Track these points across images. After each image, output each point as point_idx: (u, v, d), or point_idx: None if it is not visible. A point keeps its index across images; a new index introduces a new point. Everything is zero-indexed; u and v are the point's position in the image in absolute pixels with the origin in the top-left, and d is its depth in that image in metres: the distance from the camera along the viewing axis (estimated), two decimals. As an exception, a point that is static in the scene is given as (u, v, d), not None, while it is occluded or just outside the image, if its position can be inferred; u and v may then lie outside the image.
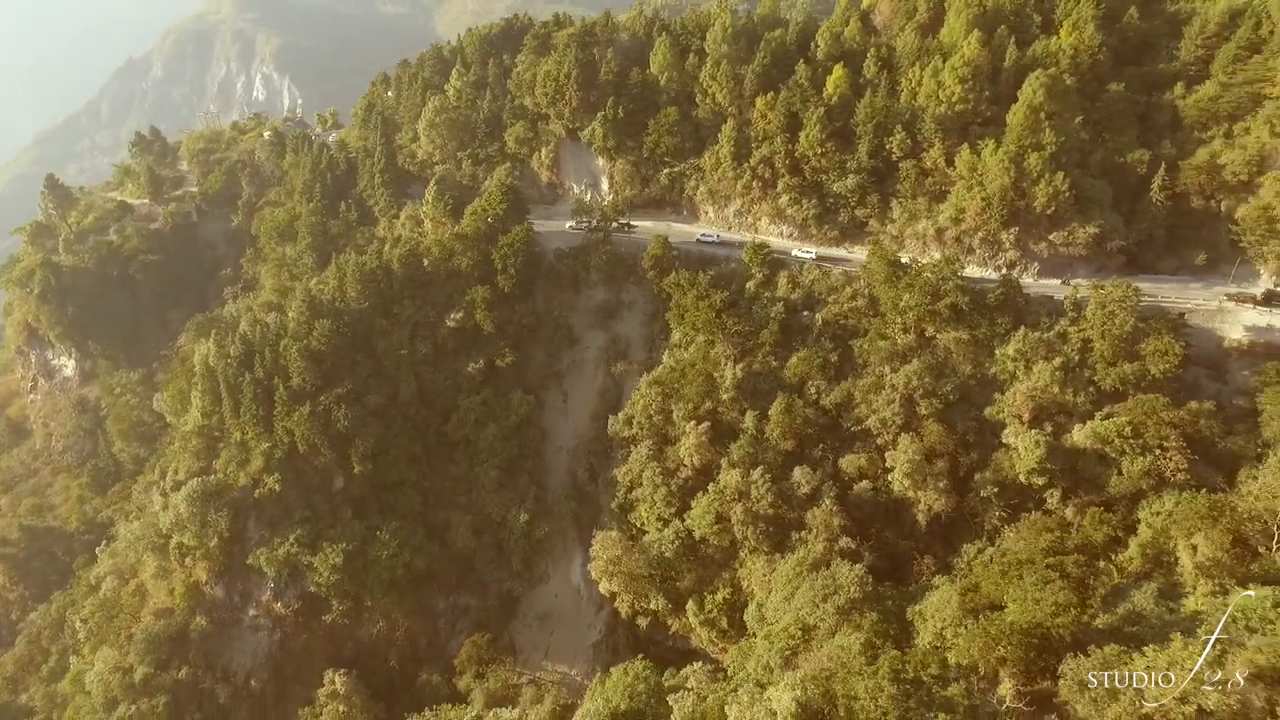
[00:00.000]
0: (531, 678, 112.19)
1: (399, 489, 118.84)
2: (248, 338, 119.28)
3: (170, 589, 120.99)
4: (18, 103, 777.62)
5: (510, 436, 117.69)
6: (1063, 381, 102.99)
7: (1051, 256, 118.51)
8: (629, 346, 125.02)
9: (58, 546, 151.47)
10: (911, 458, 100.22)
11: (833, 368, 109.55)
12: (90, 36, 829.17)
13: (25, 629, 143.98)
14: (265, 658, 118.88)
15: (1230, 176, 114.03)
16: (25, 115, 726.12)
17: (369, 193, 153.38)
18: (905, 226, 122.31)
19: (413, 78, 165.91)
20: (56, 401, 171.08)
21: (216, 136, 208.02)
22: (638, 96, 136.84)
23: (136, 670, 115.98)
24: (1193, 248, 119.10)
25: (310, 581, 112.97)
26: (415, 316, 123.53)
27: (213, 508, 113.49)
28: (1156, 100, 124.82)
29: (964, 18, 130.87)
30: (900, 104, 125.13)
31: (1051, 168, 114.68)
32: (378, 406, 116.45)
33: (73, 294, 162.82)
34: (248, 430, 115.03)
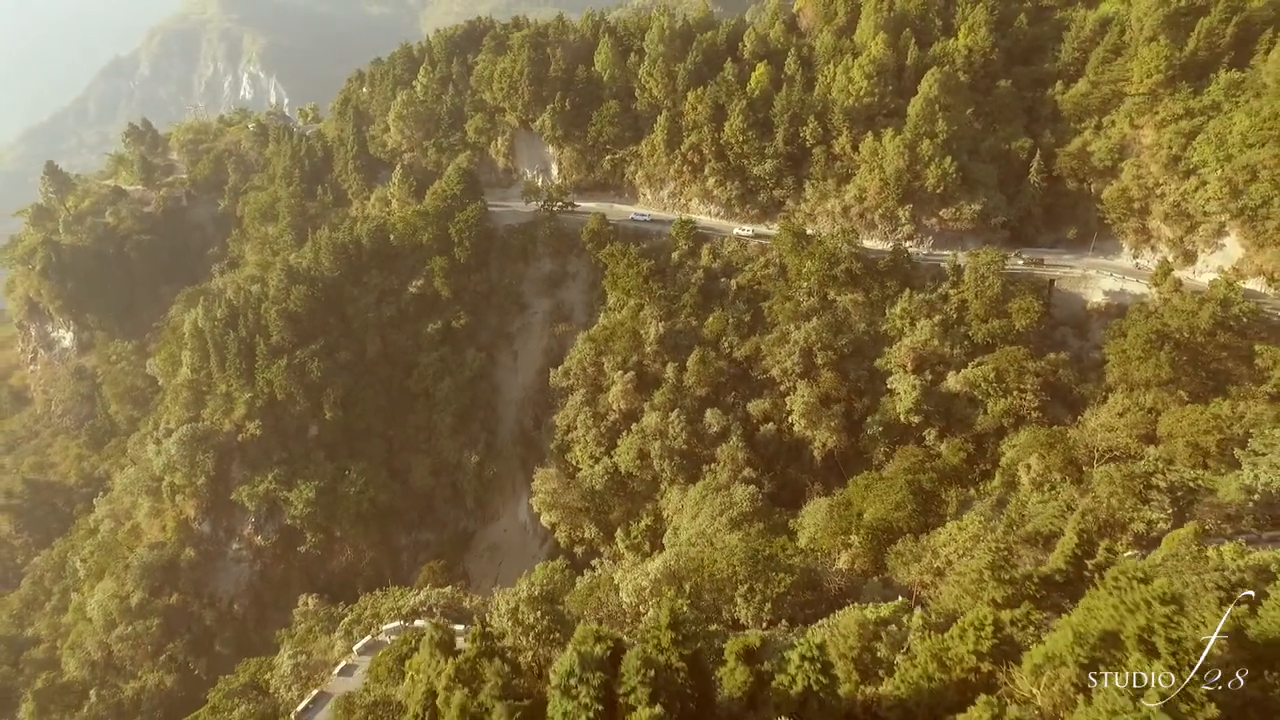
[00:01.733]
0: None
1: (366, 436, 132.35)
2: (233, 303, 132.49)
3: (162, 526, 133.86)
4: (2, 101, 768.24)
5: (464, 389, 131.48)
6: (941, 336, 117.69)
7: (943, 231, 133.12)
8: (572, 311, 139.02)
9: (58, 499, 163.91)
10: (807, 400, 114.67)
11: (745, 326, 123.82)
12: (70, 36, 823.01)
13: (29, 571, 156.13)
14: (247, 586, 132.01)
15: (1098, 162, 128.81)
16: (5, 114, 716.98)
17: (343, 177, 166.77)
18: (817, 205, 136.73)
19: (385, 74, 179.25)
20: (55, 371, 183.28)
21: (204, 128, 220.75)
22: (584, 91, 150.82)
23: (133, 596, 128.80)
24: (1067, 224, 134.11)
25: (287, 515, 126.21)
26: (382, 284, 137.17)
27: (200, 450, 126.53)
28: (1041, 96, 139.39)
29: (873, 21, 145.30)
30: (814, 97, 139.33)
31: (942, 153, 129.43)
32: (347, 362, 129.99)
33: (72, 271, 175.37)
34: (232, 382, 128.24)
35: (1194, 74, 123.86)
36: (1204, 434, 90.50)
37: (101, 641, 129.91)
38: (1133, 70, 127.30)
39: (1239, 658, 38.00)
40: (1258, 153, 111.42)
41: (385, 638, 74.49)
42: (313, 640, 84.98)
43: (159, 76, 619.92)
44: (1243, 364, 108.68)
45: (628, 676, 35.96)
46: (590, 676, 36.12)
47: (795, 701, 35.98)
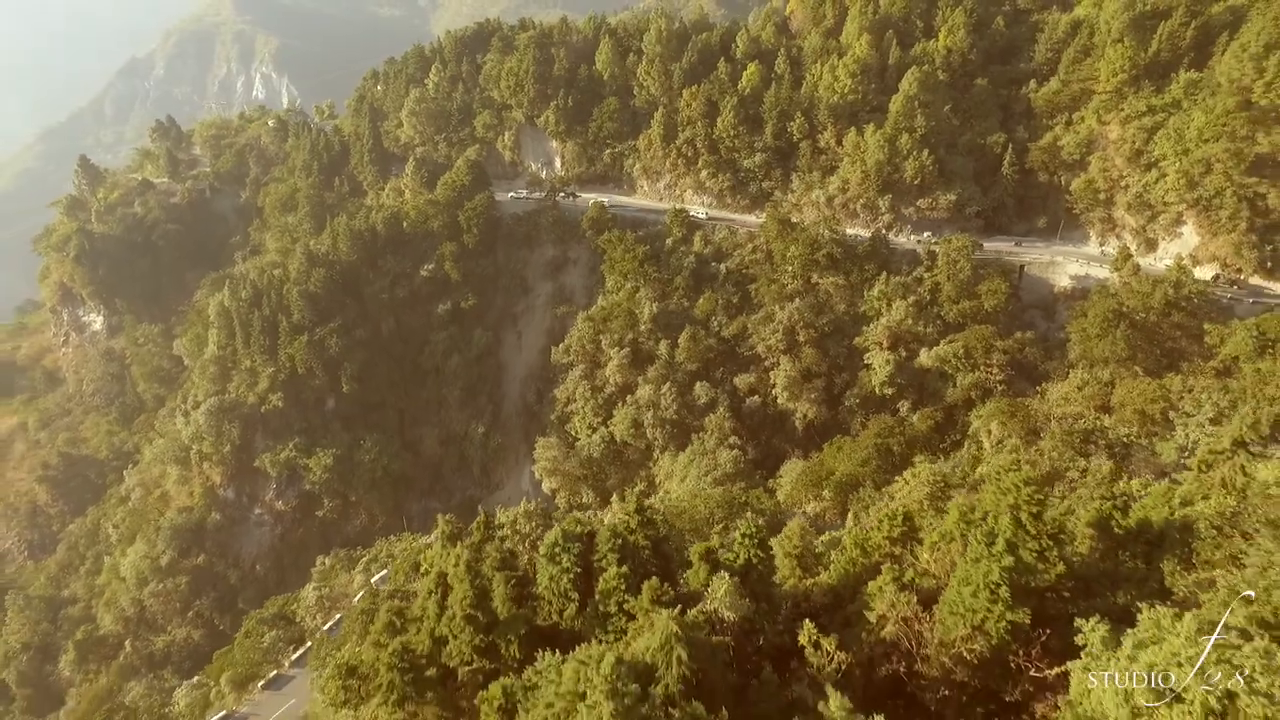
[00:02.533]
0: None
1: (380, 408, 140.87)
2: (256, 285, 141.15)
3: (190, 492, 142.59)
4: (13, 102, 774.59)
5: (472, 365, 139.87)
6: (915, 316, 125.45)
7: (920, 219, 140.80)
8: (573, 294, 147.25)
9: (90, 471, 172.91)
10: (790, 375, 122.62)
11: (733, 307, 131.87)
12: (87, 38, 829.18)
13: (65, 537, 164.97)
14: (268, 548, 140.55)
15: (1067, 156, 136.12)
16: (21, 114, 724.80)
17: (359, 169, 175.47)
18: (803, 195, 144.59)
19: (398, 73, 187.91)
20: (86, 352, 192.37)
21: (226, 125, 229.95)
22: (585, 89, 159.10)
23: (163, 556, 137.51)
24: (1038, 213, 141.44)
25: (306, 481, 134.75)
26: (395, 268, 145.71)
27: (227, 420, 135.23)
28: (1016, 93, 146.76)
29: (859, 23, 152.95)
30: (801, 94, 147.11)
31: (920, 147, 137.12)
32: (363, 339, 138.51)
33: (103, 257, 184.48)
34: (256, 358, 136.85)
35: (1157, 74, 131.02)
36: (1151, 403, 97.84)
37: (134, 598, 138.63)
38: (1100, 70, 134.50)
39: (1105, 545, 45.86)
40: (1212, 147, 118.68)
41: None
42: (334, 577, 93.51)
43: (173, 77, 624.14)
44: (1194, 342, 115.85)
45: (600, 547, 44.21)
46: (571, 546, 44.39)
47: (739, 571, 43.96)
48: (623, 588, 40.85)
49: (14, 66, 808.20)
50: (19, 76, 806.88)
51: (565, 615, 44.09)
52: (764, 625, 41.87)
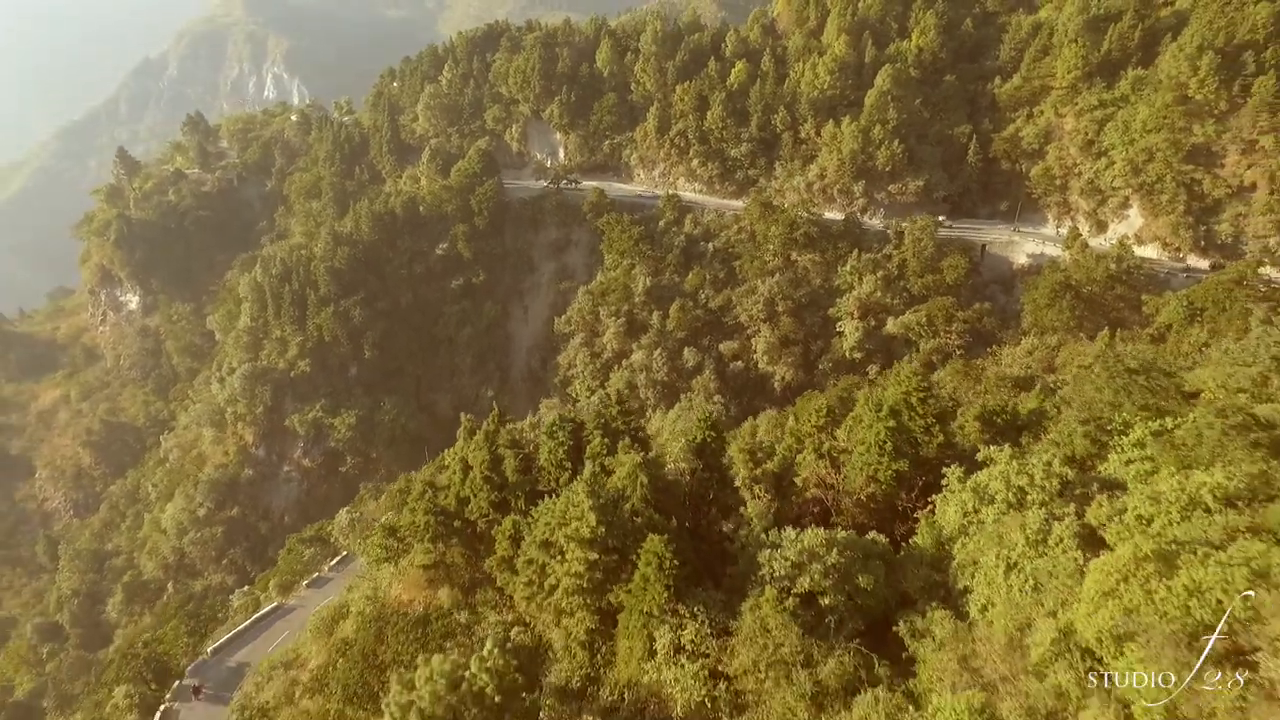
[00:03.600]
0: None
1: (398, 375, 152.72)
2: (286, 262, 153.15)
3: (225, 451, 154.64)
4: (29, 102, 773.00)
5: (482, 335, 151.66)
6: (884, 289, 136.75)
7: (892, 203, 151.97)
8: (574, 271, 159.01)
9: (129, 437, 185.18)
10: (770, 341, 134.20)
11: (719, 281, 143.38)
12: (101, 39, 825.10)
13: (107, 497, 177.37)
14: (295, 502, 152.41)
15: (1027, 145, 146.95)
16: (36, 113, 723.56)
17: (378, 159, 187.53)
18: (785, 182, 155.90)
19: (413, 70, 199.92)
20: (123, 330, 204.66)
21: (251, 119, 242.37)
22: (587, 85, 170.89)
23: (200, 508, 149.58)
24: (1001, 198, 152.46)
25: (331, 439, 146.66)
26: (412, 247, 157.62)
27: (259, 384, 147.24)
28: (982, 89, 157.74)
29: (838, 24, 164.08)
30: (784, 90, 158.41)
31: (891, 137, 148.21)
32: (383, 311, 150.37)
33: (140, 241, 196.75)
34: (286, 328, 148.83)
35: (1108, 71, 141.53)
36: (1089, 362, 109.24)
37: (175, 547, 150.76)
38: (1058, 67, 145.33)
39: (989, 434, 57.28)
40: (1154, 137, 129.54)
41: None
42: (363, 504, 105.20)
43: (186, 77, 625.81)
44: (1134, 312, 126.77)
45: (588, 425, 55.92)
46: (565, 425, 56.11)
47: (695, 445, 55.54)
48: (604, 452, 52.46)
49: (31, 66, 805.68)
50: (35, 76, 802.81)
51: (560, 482, 55.70)
52: (714, 486, 53.47)
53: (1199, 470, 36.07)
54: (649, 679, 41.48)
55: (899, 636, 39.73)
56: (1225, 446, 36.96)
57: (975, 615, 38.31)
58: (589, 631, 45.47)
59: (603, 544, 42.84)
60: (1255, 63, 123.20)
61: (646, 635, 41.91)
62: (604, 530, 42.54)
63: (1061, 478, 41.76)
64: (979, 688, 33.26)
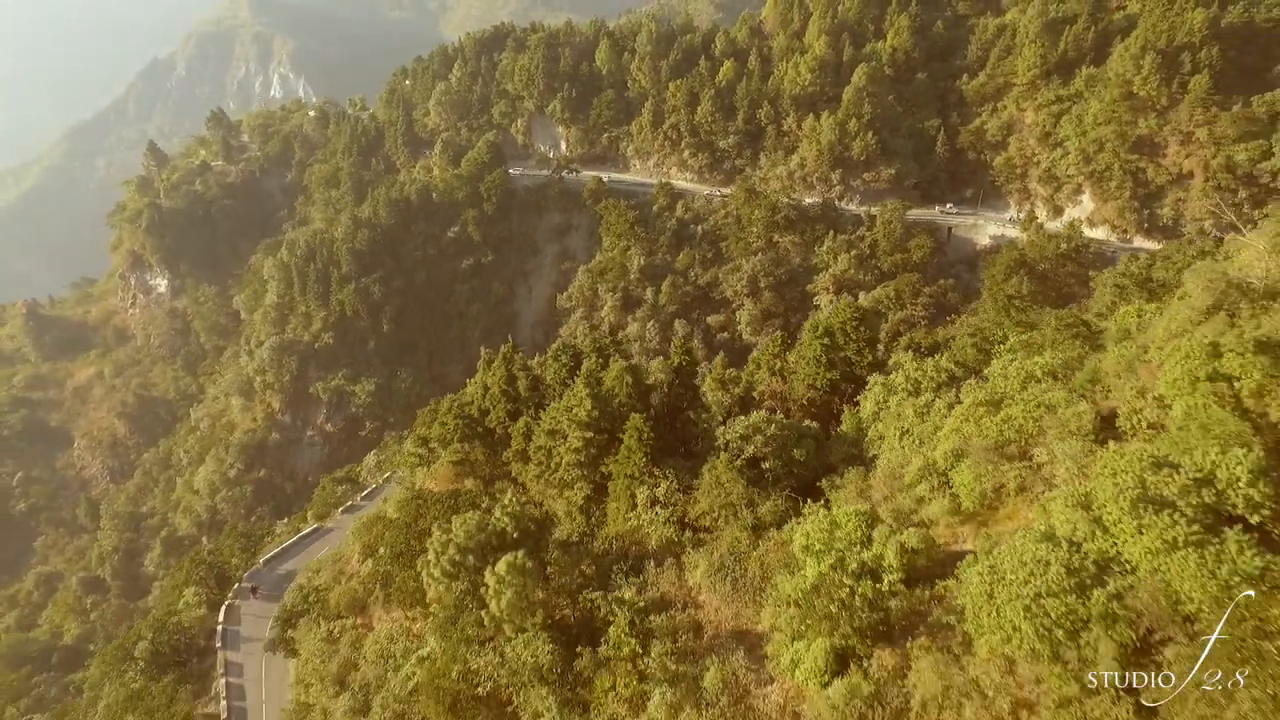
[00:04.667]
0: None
1: (413, 348, 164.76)
2: (310, 244, 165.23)
3: (253, 417, 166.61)
4: (39, 102, 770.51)
5: (490, 311, 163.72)
6: (857, 266, 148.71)
7: (866, 190, 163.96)
8: (575, 253, 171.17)
9: (160, 410, 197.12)
10: (753, 314, 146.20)
11: (707, 260, 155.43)
12: (110, 39, 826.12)
13: (140, 464, 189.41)
14: (318, 464, 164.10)
15: (991, 137, 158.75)
16: (46, 113, 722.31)
17: (393, 151, 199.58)
18: (769, 171, 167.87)
19: (425, 69, 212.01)
20: (153, 312, 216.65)
21: (271, 115, 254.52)
22: (587, 82, 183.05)
23: (231, 469, 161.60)
24: (967, 185, 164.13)
25: (352, 405, 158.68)
26: (426, 230, 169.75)
27: (286, 355, 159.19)
28: (951, 86, 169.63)
29: (819, 26, 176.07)
30: (769, 86, 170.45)
31: (866, 130, 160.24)
32: (399, 288, 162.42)
33: (169, 228, 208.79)
34: (310, 304, 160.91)
35: (1064, 69, 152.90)
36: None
37: (208, 505, 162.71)
38: (1019, 66, 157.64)
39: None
40: (1103, 130, 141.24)
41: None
42: (389, 448, 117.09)
43: (194, 77, 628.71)
44: (1083, 286, 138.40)
45: (586, 353, 68.00)
46: (568, 350, 68.18)
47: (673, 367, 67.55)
48: (598, 367, 64.56)
49: (41, 67, 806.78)
50: (46, 76, 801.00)
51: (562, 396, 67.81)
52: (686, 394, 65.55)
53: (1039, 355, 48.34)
54: (631, 525, 53.65)
55: (823, 490, 51.64)
56: (1059, 341, 49.12)
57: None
58: (585, 499, 57.57)
59: (596, 425, 54.95)
60: (1192, 63, 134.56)
61: (630, 494, 54.04)
62: (597, 414, 54.67)
63: (949, 372, 54.05)
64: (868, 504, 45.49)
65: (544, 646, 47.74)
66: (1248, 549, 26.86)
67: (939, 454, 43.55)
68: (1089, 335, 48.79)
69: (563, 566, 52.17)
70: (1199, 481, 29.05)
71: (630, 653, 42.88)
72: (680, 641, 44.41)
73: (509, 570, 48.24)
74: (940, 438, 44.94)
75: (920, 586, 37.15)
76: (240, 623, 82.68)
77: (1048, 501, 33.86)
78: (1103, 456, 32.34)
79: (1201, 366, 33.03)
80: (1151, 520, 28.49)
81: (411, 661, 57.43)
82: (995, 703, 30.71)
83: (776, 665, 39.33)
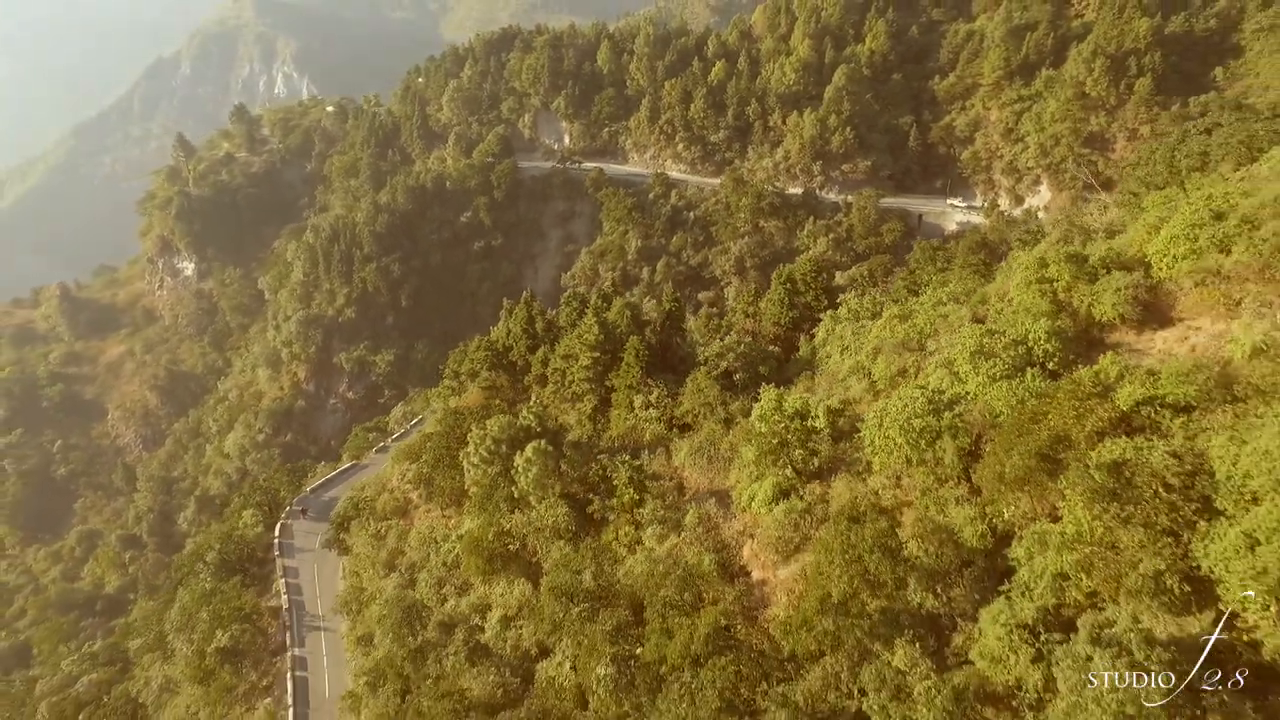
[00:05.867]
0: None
1: (428, 323, 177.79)
2: (334, 226, 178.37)
3: (280, 386, 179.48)
4: (44, 100, 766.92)
5: (499, 290, 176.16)
6: (834, 248, 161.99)
7: (845, 180, 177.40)
8: (578, 237, 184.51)
9: (190, 383, 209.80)
10: (739, 290, 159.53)
11: (698, 243, 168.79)
12: (114, 38, 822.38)
13: (172, 433, 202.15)
14: (340, 429, 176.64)
15: (959, 133, 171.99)
16: (51, 111, 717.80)
17: (409, 143, 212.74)
18: (756, 162, 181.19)
19: (437, 68, 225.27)
20: (180, 293, 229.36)
21: (290, 110, 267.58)
22: (589, 81, 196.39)
23: (260, 433, 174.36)
24: (937, 176, 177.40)
25: (372, 374, 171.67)
26: (441, 215, 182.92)
27: (311, 328, 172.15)
28: (924, 86, 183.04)
29: (804, 30, 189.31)
30: (756, 85, 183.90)
31: (845, 125, 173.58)
32: (416, 268, 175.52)
33: (197, 215, 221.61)
34: (334, 281, 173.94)
35: (1026, 72, 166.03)
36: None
37: (238, 466, 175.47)
38: (985, 68, 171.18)
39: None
40: (1059, 126, 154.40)
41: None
42: (413, 402, 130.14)
43: (198, 76, 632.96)
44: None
45: (591, 297, 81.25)
46: (577, 296, 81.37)
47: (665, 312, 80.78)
48: (604, 306, 77.82)
49: (46, 66, 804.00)
50: (51, 75, 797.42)
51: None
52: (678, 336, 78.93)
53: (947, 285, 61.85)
54: (629, 426, 67.00)
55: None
56: (963, 275, 62.63)
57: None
58: (593, 409, 70.86)
59: (602, 346, 68.25)
60: (1137, 66, 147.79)
61: (629, 401, 67.40)
62: (603, 337, 67.98)
63: (881, 304, 67.46)
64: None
65: (561, 510, 61.30)
66: (1038, 379, 40.38)
67: (863, 355, 57.05)
68: (986, 272, 62.29)
69: (574, 461, 65.40)
70: (1015, 341, 42.57)
71: (630, 501, 56.23)
72: (668, 500, 57.88)
73: (534, 453, 61.71)
74: (866, 344, 58.44)
75: (842, 442, 50.63)
76: (293, 537, 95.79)
77: (927, 368, 47.41)
78: (960, 330, 45.85)
79: (1034, 273, 46.57)
80: (982, 365, 42.01)
81: (451, 539, 70.81)
82: (883, 498, 44.11)
83: (738, 505, 52.84)
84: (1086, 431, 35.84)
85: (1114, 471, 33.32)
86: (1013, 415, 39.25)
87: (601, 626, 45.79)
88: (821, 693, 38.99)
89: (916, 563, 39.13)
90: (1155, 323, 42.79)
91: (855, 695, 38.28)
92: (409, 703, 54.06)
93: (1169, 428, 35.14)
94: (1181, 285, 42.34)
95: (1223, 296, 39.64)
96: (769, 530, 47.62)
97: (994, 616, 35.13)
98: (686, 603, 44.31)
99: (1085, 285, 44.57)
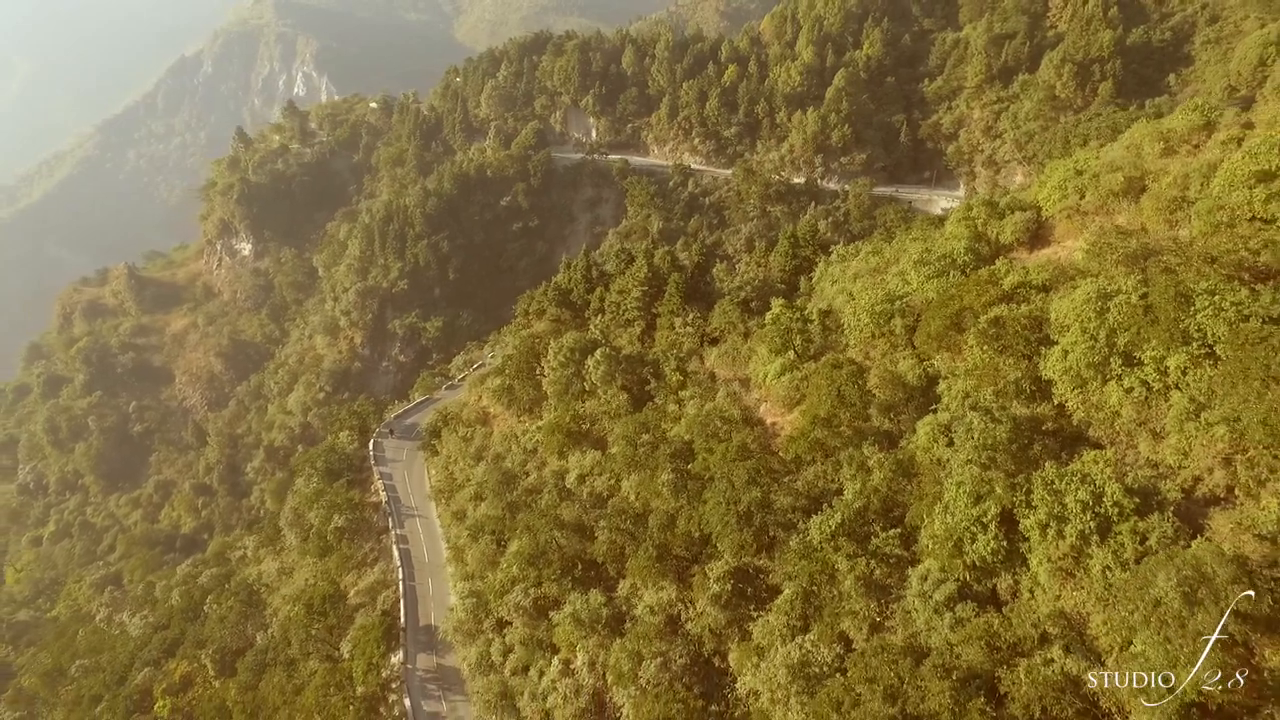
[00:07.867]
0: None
1: (471, 296, 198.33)
2: (388, 208, 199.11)
3: (338, 350, 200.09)
4: (71, 97, 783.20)
5: (535, 266, 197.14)
6: (833, 230, 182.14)
7: (843, 171, 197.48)
8: (605, 220, 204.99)
9: (250, 351, 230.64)
10: (748, 266, 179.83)
11: (713, 225, 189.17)
12: (139, 37, 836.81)
13: (235, 395, 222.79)
14: (392, 389, 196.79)
15: (945, 130, 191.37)
16: (78, 108, 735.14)
17: (450, 136, 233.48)
18: (763, 155, 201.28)
19: (475, 68, 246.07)
20: (238, 272, 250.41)
21: (337, 106, 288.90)
22: (614, 81, 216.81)
23: (321, 391, 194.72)
24: (926, 169, 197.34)
25: (422, 339, 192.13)
26: (483, 199, 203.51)
27: (368, 298, 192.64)
28: (915, 88, 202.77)
29: (808, 37, 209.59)
30: (765, 86, 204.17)
31: (843, 123, 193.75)
32: (461, 246, 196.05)
33: (255, 200, 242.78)
34: (389, 256, 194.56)
35: (1005, 76, 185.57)
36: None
37: (300, 421, 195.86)
38: (968, 72, 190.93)
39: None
40: (1033, 124, 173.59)
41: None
42: (472, 351, 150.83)
43: (220, 75, 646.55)
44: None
45: (636, 252, 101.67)
46: (624, 251, 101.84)
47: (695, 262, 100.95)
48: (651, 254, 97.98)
49: (72, 63, 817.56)
50: (77, 72, 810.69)
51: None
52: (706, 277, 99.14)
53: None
54: (671, 340, 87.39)
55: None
56: (923, 226, 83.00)
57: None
58: (641, 332, 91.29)
59: (650, 281, 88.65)
60: (1101, 72, 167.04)
61: (670, 323, 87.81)
62: (650, 274, 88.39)
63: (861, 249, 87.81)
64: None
65: (621, 396, 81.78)
66: (957, 276, 60.80)
67: (846, 280, 77.48)
68: (939, 224, 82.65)
69: (630, 363, 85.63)
70: (943, 255, 62.97)
71: (675, 383, 76.70)
72: (703, 385, 78.34)
73: (601, 355, 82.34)
74: (849, 272, 78.86)
75: (830, 335, 70.94)
76: (384, 451, 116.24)
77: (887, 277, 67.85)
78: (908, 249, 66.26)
79: (962, 214, 66.96)
80: (922, 270, 62.45)
81: (531, 430, 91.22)
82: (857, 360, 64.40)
83: (755, 383, 73.25)
84: (982, 303, 56.19)
85: (995, 323, 53.71)
86: (939, 298, 59.65)
87: (663, 452, 66.22)
88: (814, 481, 59.32)
89: (876, 398, 59.49)
90: (1040, 244, 63.24)
91: (836, 481, 58.58)
92: (518, 521, 74.16)
93: (1033, 299, 55.51)
94: (1057, 220, 62.76)
95: (1080, 225, 60.04)
96: (777, 392, 68.07)
97: (925, 424, 55.32)
98: (721, 432, 64.76)
99: (996, 221, 64.97)
